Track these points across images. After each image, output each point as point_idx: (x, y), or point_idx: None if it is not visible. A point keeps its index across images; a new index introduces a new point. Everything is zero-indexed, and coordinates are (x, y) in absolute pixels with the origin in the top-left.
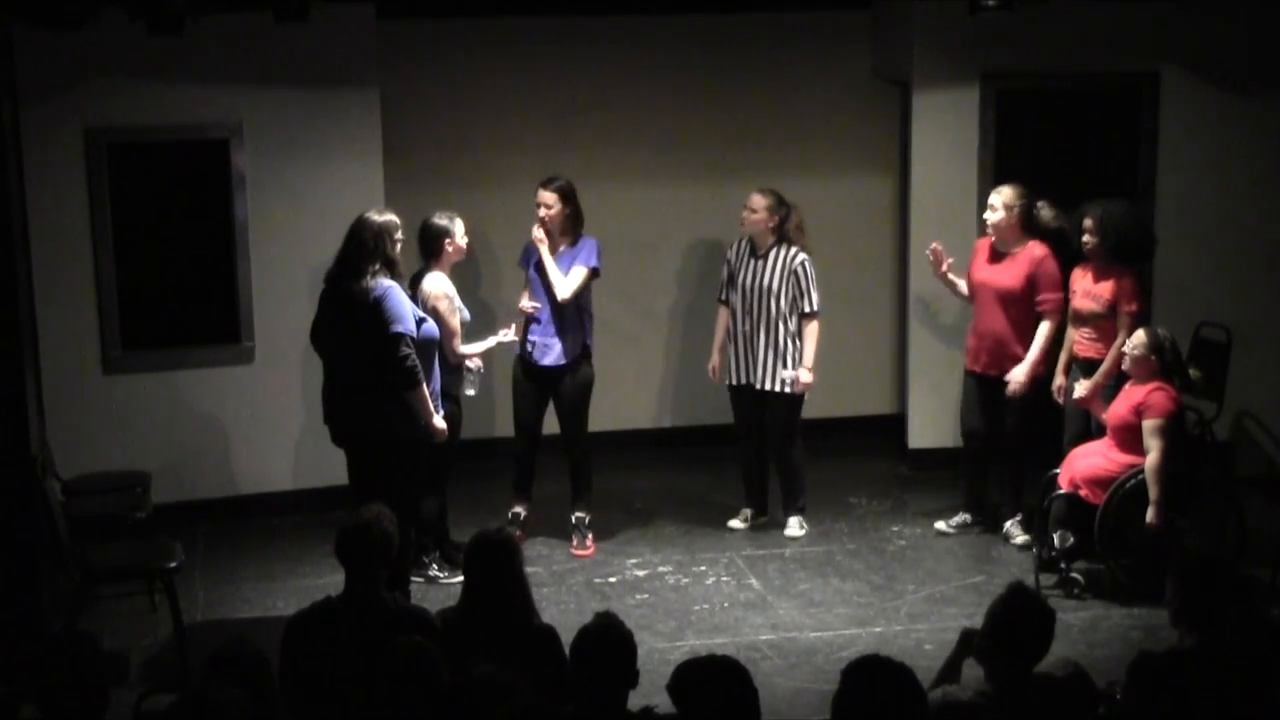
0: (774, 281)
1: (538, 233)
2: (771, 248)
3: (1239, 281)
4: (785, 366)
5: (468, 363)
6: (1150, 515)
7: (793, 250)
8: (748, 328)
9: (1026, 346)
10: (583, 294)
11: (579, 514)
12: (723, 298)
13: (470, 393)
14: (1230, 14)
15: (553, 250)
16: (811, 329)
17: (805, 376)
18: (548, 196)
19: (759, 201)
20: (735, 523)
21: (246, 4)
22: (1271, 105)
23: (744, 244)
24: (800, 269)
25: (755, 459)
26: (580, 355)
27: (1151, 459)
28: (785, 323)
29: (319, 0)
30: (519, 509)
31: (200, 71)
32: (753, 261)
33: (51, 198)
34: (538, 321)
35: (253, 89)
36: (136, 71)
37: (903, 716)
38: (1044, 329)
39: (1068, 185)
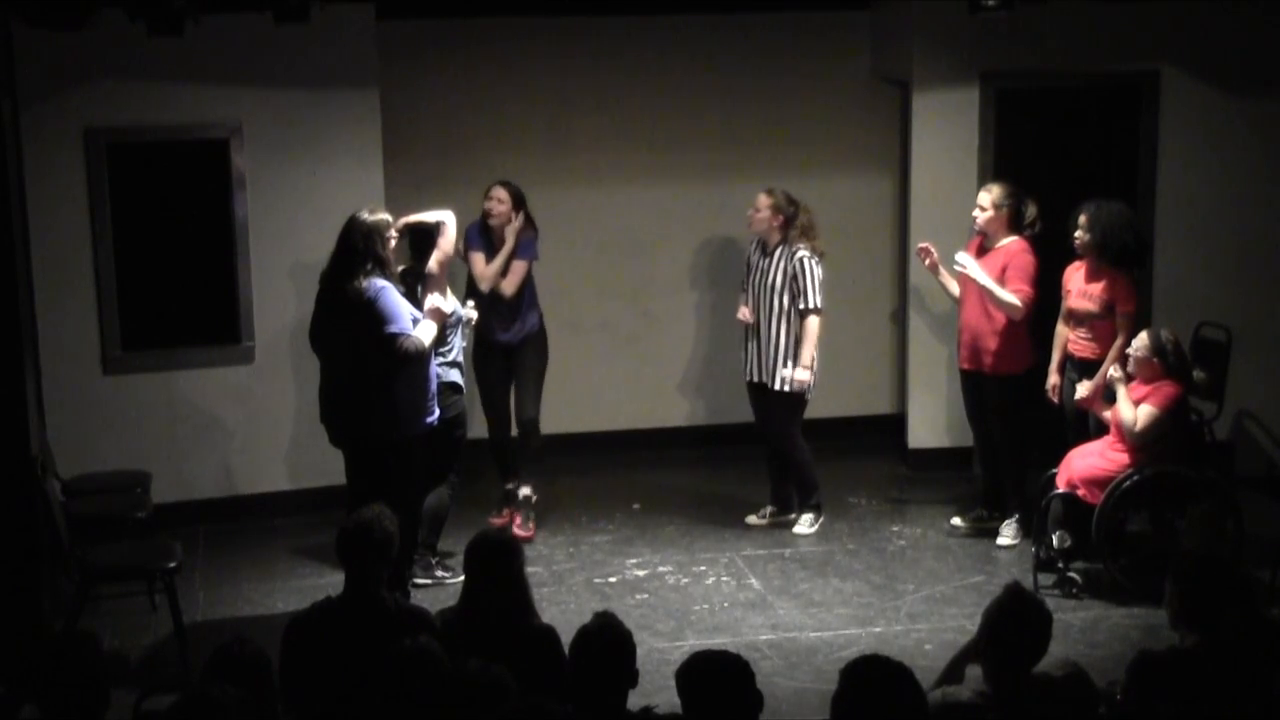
0: (777, 279)
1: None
2: (778, 245)
3: (1239, 281)
4: (784, 365)
5: (460, 311)
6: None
7: (795, 248)
8: (757, 324)
9: (1000, 341)
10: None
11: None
12: (743, 287)
13: (461, 343)
14: (1230, 14)
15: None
16: (810, 326)
17: (801, 375)
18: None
19: (762, 201)
20: (752, 518)
21: (246, 4)
22: (1271, 105)
23: (757, 242)
24: (798, 265)
25: (774, 456)
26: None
27: (1128, 418)
28: (787, 320)
29: (319, 0)
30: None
31: (200, 71)
32: (762, 260)
33: (51, 198)
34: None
35: (253, 89)
36: (136, 71)
37: (903, 716)
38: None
39: (1067, 185)
